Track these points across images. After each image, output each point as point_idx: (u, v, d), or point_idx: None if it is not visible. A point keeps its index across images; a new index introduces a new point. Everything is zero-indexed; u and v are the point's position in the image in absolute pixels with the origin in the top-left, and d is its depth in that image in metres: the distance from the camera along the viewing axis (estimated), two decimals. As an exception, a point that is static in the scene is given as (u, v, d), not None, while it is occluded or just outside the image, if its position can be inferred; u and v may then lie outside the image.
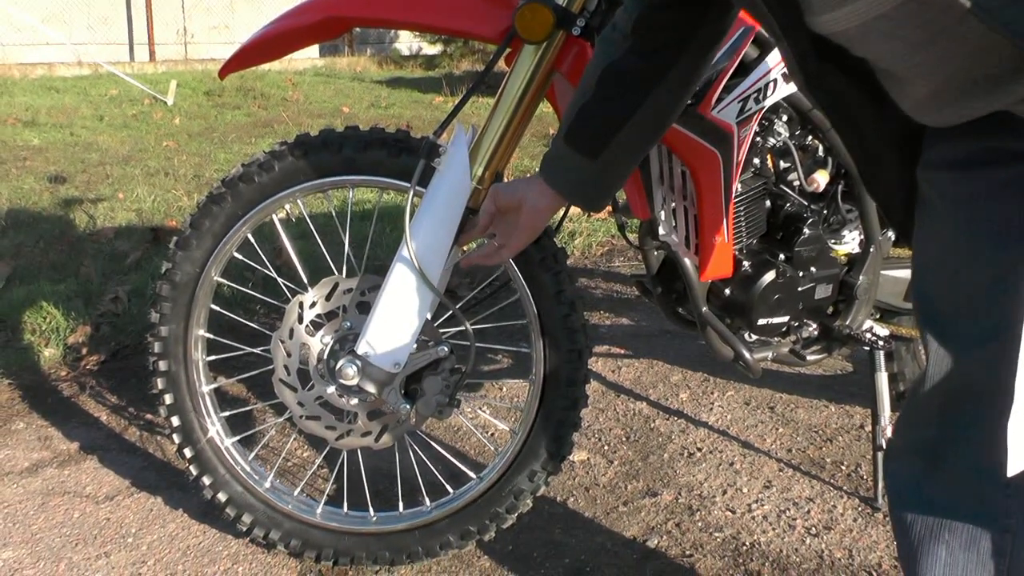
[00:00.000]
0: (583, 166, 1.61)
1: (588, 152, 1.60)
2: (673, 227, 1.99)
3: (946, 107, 1.08)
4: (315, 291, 1.96)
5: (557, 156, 1.65)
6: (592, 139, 1.59)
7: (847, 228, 2.11)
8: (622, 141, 1.58)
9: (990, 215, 1.09)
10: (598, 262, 4.37)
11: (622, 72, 1.51)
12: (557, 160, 1.65)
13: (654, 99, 1.52)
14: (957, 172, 1.12)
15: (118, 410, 2.89)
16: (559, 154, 1.64)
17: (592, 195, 1.68)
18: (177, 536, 2.24)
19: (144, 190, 5.54)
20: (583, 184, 1.66)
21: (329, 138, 1.96)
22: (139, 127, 8.05)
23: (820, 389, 2.97)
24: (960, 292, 1.15)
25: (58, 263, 4.13)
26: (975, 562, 1.21)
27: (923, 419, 1.23)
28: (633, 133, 1.57)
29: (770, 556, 2.12)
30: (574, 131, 1.60)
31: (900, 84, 1.12)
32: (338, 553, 2.09)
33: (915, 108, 1.13)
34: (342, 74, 12.56)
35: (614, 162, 1.62)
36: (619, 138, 1.57)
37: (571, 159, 1.62)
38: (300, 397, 1.99)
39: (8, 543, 2.21)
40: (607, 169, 1.63)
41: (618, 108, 1.55)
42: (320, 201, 4.41)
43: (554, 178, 1.67)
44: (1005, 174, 1.07)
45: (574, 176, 1.64)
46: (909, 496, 1.26)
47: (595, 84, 1.55)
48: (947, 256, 1.16)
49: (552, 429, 1.99)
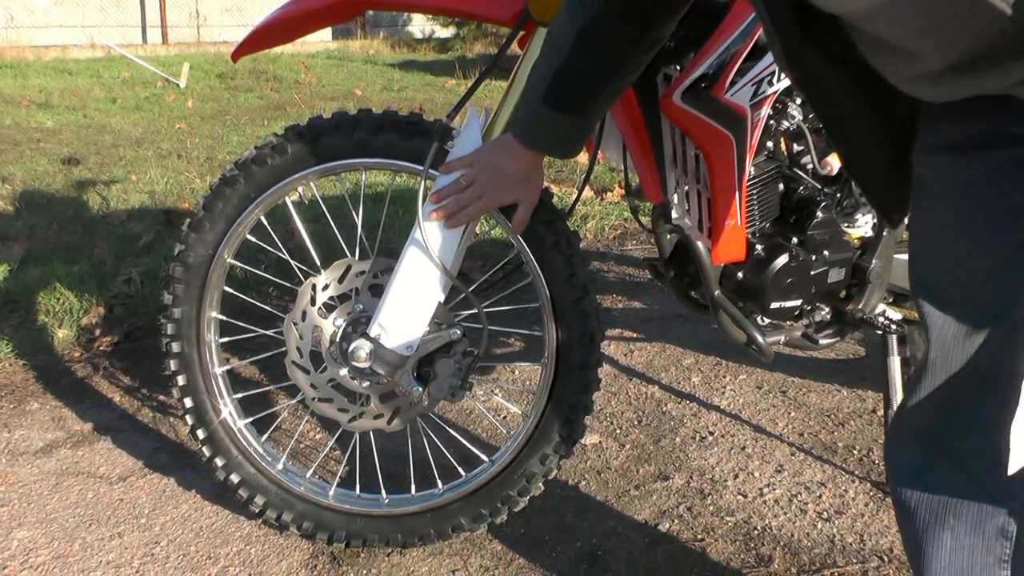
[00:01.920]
0: (568, 123, 1.68)
1: (573, 111, 1.66)
2: (686, 210, 1.99)
3: (943, 84, 1.07)
4: (328, 273, 1.96)
5: (537, 119, 1.70)
6: (577, 98, 1.65)
7: (860, 211, 2.09)
8: (604, 95, 1.67)
9: (990, 199, 1.07)
10: (611, 245, 4.37)
11: (598, 34, 1.56)
12: (538, 123, 1.70)
13: (631, 57, 1.61)
14: (956, 155, 1.11)
15: (131, 391, 2.90)
16: (540, 117, 1.68)
17: (577, 146, 1.76)
18: (190, 517, 2.25)
19: (157, 172, 5.55)
20: (569, 139, 1.73)
21: (342, 121, 1.96)
22: (152, 109, 8.06)
23: (832, 373, 2.97)
24: (960, 277, 1.14)
25: (71, 245, 4.14)
26: (980, 546, 1.21)
27: (925, 406, 1.22)
28: (612, 86, 1.66)
29: (781, 540, 2.12)
30: (555, 93, 1.64)
31: (897, 61, 1.10)
32: (350, 535, 2.10)
33: (909, 83, 1.12)
34: (355, 57, 12.55)
35: (596, 112, 1.71)
36: (602, 93, 1.66)
37: (555, 119, 1.68)
38: (313, 379, 2.00)
39: (23, 523, 2.22)
40: (589, 120, 1.71)
41: (598, 68, 1.61)
42: (333, 184, 4.41)
43: (537, 140, 1.74)
44: (1005, 157, 1.06)
45: (560, 134, 1.71)
46: (912, 482, 1.25)
47: (571, 45, 1.58)
48: (946, 241, 1.15)
49: (564, 412, 1.99)
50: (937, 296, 1.18)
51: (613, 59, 1.60)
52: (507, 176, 1.79)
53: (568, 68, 1.61)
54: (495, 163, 1.79)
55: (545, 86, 1.64)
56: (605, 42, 1.57)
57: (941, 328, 1.16)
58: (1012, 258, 1.07)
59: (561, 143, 1.73)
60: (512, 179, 1.79)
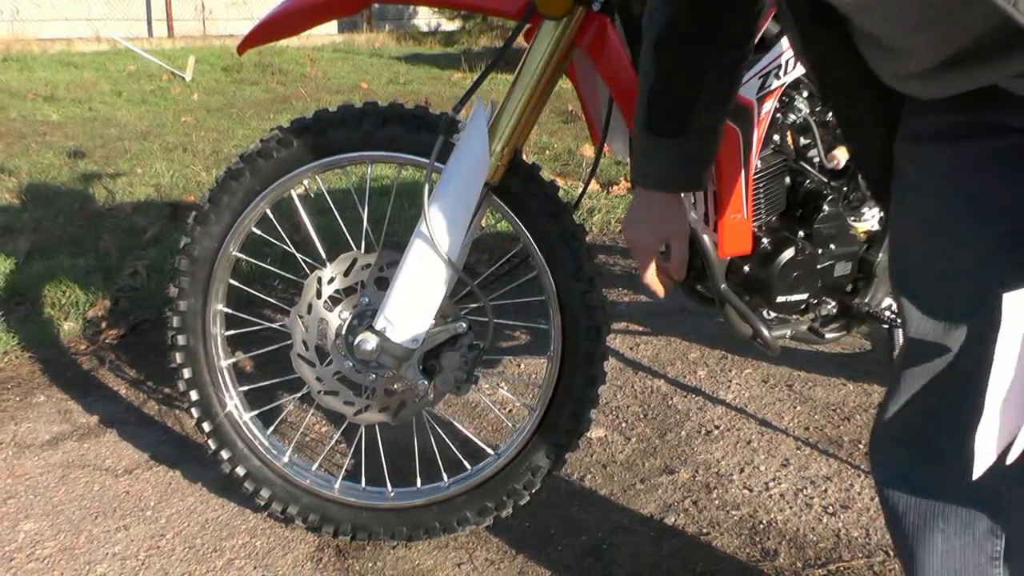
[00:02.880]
0: (677, 148, 1.57)
1: (675, 131, 1.55)
2: (692, 204, 1.98)
3: (933, 80, 1.06)
4: (333, 267, 1.96)
5: (646, 151, 1.60)
6: (676, 117, 1.54)
7: (867, 205, 2.09)
8: (701, 108, 1.53)
9: (974, 190, 1.06)
10: (617, 238, 4.36)
11: (672, 40, 1.47)
12: (647, 155, 1.60)
13: (713, 59, 1.48)
14: (942, 144, 1.09)
15: (137, 384, 2.91)
16: (648, 149, 1.59)
17: (696, 175, 1.63)
18: (196, 510, 2.25)
19: (163, 165, 5.55)
20: (685, 167, 1.61)
21: (348, 114, 1.96)
22: (157, 102, 8.06)
23: (838, 367, 2.96)
24: (940, 271, 1.11)
25: (77, 237, 4.15)
26: (972, 546, 1.19)
27: (906, 406, 1.21)
28: (709, 96, 1.52)
29: (787, 535, 2.12)
30: (654, 117, 1.55)
31: (888, 57, 1.10)
32: (356, 528, 2.10)
33: (899, 80, 1.11)
34: (361, 50, 12.54)
35: (704, 133, 1.57)
36: (697, 105, 1.52)
37: (663, 147, 1.57)
38: (318, 372, 2.00)
39: (30, 515, 2.23)
40: (699, 142, 1.58)
41: (684, 79, 1.50)
42: (339, 177, 4.41)
43: (654, 176, 1.63)
44: (991, 148, 1.04)
45: (674, 162, 1.60)
46: (899, 485, 1.22)
47: (652, 62, 1.51)
48: (927, 233, 1.13)
49: (570, 406, 1.99)
50: (917, 291, 1.16)
51: (694, 67, 1.49)
52: (645, 221, 1.70)
53: (658, 87, 1.52)
54: (632, 219, 1.71)
55: (644, 113, 1.55)
56: (681, 49, 1.48)
57: (919, 325, 1.14)
58: (993, 252, 1.05)
59: (678, 173, 1.62)
60: (650, 222, 1.70)
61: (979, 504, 1.17)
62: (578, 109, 5.76)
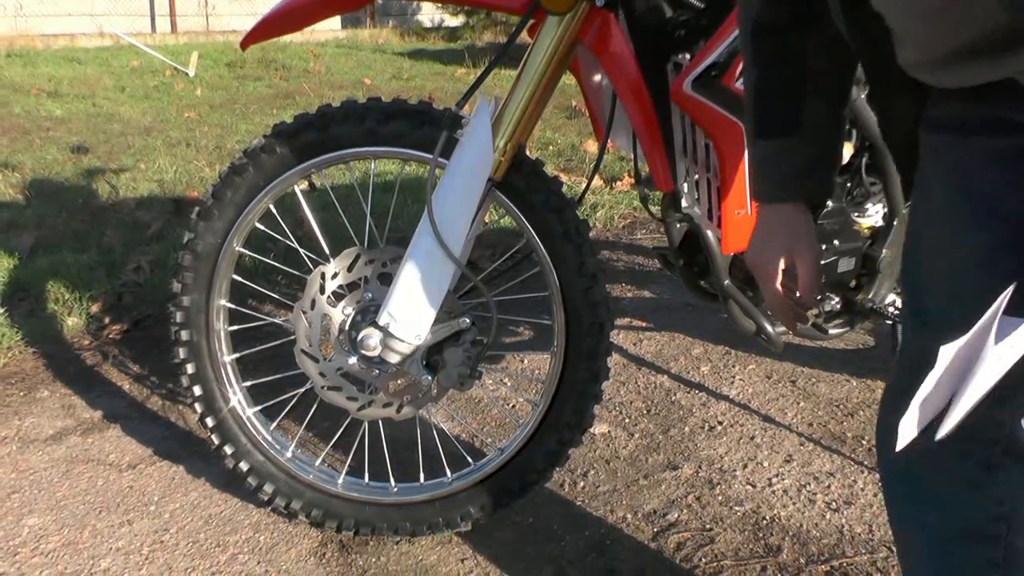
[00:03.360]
0: (790, 149, 1.40)
1: (789, 129, 1.39)
2: (696, 199, 1.98)
3: (941, 71, 1.05)
4: (337, 262, 1.96)
5: (762, 159, 1.43)
6: (784, 112, 1.39)
7: (871, 201, 2.09)
8: (814, 97, 1.38)
9: (981, 187, 1.05)
10: (620, 234, 4.36)
11: (768, 27, 1.35)
12: (764, 163, 1.43)
13: (817, 41, 1.34)
14: (955, 136, 1.08)
15: (140, 379, 2.91)
16: (763, 155, 1.42)
17: (820, 180, 1.44)
18: (199, 504, 2.26)
19: (166, 161, 5.56)
20: (804, 172, 1.42)
21: (351, 109, 1.96)
22: (161, 98, 8.06)
23: (842, 363, 2.96)
24: (940, 266, 1.11)
25: (81, 233, 4.15)
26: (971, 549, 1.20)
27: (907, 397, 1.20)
28: (820, 81, 1.37)
29: (790, 531, 2.12)
30: (763, 118, 1.40)
31: (900, 43, 1.09)
32: (359, 523, 2.10)
33: (912, 67, 1.11)
34: (364, 46, 12.53)
35: (819, 133, 1.41)
36: (809, 94, 1.37)
37: (776, 150, 1.41)
38: (322, 368, 2.00)
39: (34, 510, 2.23)
40: (818, 136, 1.41)
41: (787, 71, 1.37)
42: (342, 172, 4.41)
43: (773, 186, 1.44)
44: (997, 145, 1.03)
45: (793, 165, 1.41)
46: (900, 475, 1.22)
47: (752, 56, 1.38)
48: (935, 224, 1.13)
49: (573, 401, 1.99)
50: (921, 281, 1.16)
51: (798, 47, 1.35)
52: (765, 240, 1.48)
53: (763, 81, 1.38)
54: (753, 241, 1.50)
55: (752, 116, 1.41)
56: (781, 31, 1.34)
57: (917, 316, 1.14)
58: (987, 255, 1.04)
59: (799, 179, 1.42)
60: (768, 240, 1.48)
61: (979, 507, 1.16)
62: (582, 105, 5.75)
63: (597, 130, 2.21)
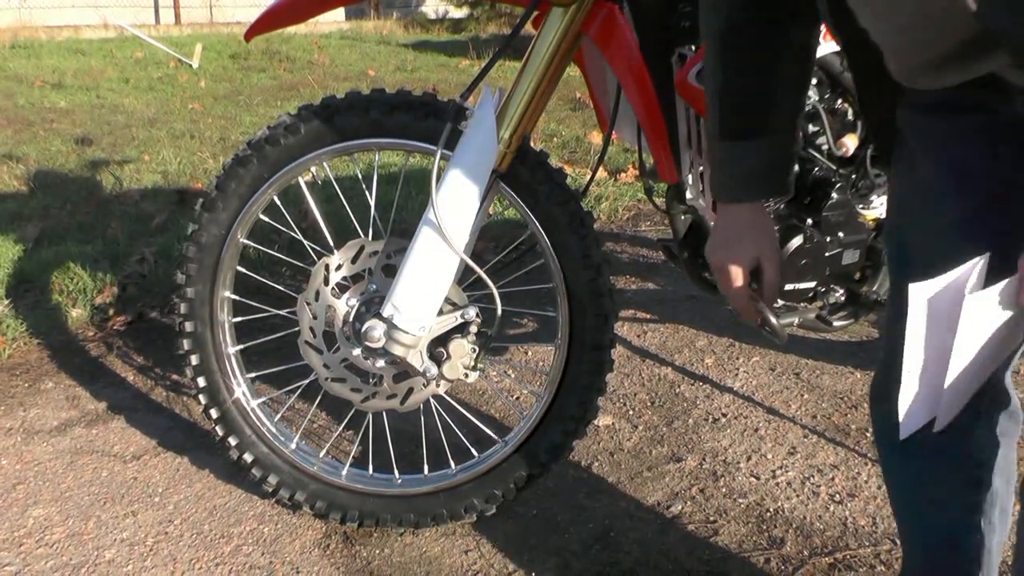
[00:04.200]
0: (756, 150, 1.41)
1: (754, 132, 1.40)
2: (700, 191, 1.98)
3: (920, 77, 1.11)
4: (341, 254, 1.96)
5: (724, 161, 1.44)
6: (750, 115, 1.40)
7: (875, 193, 2.08)
8: (780, 100, 1.40)
9: (963, 158, 1.10)
10: (624, 226, 4.36)
11: (739, 30, 1.35)
12: (726, 165, 1.44)
13: (787, 39, 1.36)
14: (937, 113, 1.13)
15: (144, 371, 2.91)
16: (726, 157, 1.43)
17: (782, 179, 1.45)
18: (203, 496, 2.26)
19: (170, 152, 5.56)
20: (768, 171, 1.44)
21: (355, 101, 1.95)
22: (165, 90, 8.06)
23: (846, 355, 2.95)
24: (926, 230, 1.15)
25: (85, 224, 4.15)
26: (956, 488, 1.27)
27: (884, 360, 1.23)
28: (786, 85, 1.39)
29: (794, 523, 2.12)
30: (727, 120, 1.40)
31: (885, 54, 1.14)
32: (363, 515, 2.10)
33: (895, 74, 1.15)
34: (368, 37, 12.51)
35: (784, 130, 1.42)
36: (776, 98, 1.39)
37: (741, 152, 1.41)
38: (326, 359, 2.00)
39: (39, 500, 2.23)
40: (781, 135, 1.42)
41: (757, 68, 1.37)
42: (346, 164, 4.41)
43: (734, 186, 1.46)
44: (979, 120, 1.08)
45: (755, 166, 1.42)
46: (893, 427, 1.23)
47: (719, 61, 1.38)
48: (917, 193, 1.17)
49: (577, 393, 1.99)
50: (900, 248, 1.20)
51: (768, 54, 1.35)
52: (731, 240, 1.49)
53: (730, 86, 1.38)
54: (716, 243, 1.50)
55: (717, 119, 1.41)
56: (751, 37, 1.34)
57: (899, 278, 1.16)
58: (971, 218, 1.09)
59: (762, 178, 1.44)
60: (735, 239, 1.48)
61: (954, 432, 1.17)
62: (586, 96, 5.74)
63: (601, 122, 2.20)
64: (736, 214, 1.47)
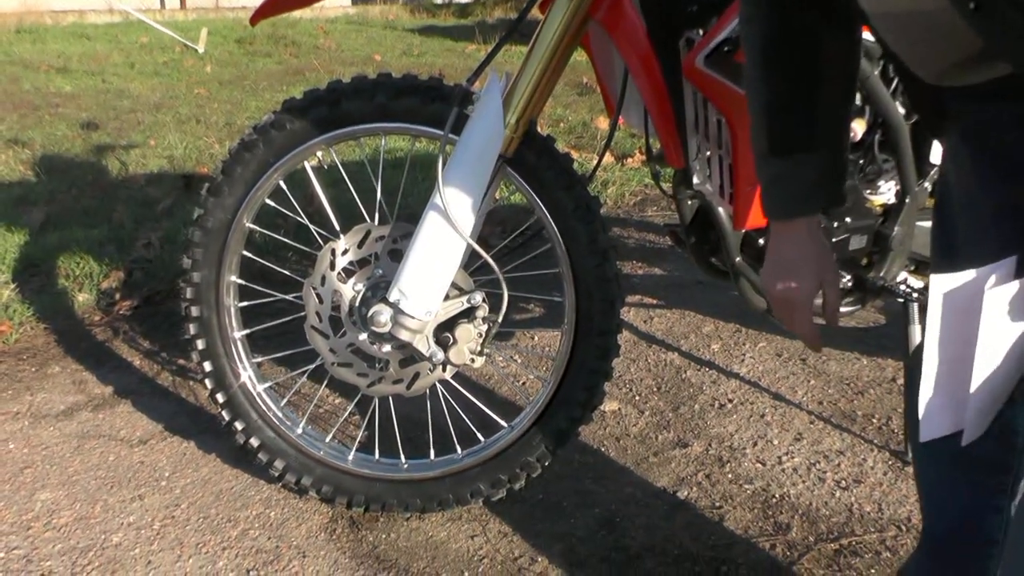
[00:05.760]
0: (811, 164, 1.35)
1: (805, 144, 1.34)
2: (708, 176, 1.97)
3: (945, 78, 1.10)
4: (347, 238, 1.96)
5: (776, 178, 1.37)
6: (801, 127, 1.34)
7: (883, 178, 2.08)
8: (829, 108, 1.34)
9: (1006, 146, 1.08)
10: (631, 211, 4.35)
11: (784, 40, 1.30)
12: (778, 183, 1.37)
13: (833, 45, 1.31)
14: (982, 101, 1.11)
15: (151, 355, 2.92)
16: (778, 175, 1.36)
17: (836, 190, 1.39)
18: (210, 480, 2.26)
19: (176, 137, 5.55)
20: (822, 184, 1.37)
21: (361, 85, 1.95)
22: (170, 75, 8.06)
23: (852, 341, 2.95)
24: (969, 218, 1.13)
25: (91, 209, 4.15)
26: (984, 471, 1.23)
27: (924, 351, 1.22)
28: (834, 91, 1.34)
29: (800, 509, 2.12)
30: (779, 138, 1.34)
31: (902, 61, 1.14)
32: (369, 499, 2.10)
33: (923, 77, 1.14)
34: (374, 22, 12.50)
35: (835, 138, 1.36)
36: (825, 107, 1.33)
37: (793, 167, 1.35)
38: (332, 344, 2.00)
39: (46, 484, 2.24)
40: (832, 143, 1.36)
41: (804, 77, 1.31)
42: (352, 148, 4.41)
43: (789, 204, 1.39)
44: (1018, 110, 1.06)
45: (810, 180, 1.36)
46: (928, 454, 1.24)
47: (763, 75, 1.33)
48: (962, 180, 1.15)
49: (584, 379, 1.99)
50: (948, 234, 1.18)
51: (814, 62, 1.31)
52: (791, 267, 1.42)
53: (777, 100, 1.33)
54: (777, 269, 1.43)
55: (766, 137, 1.35)
56: (797, 46, 1.30)
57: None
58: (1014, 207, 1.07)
59: (819, 190, 1.37)
60: (795, 267, 1.42)
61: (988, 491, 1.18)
62: (593, 81, 5.73)
63: (608, 107, 2.20)
64: (794, 237, 1.40)
